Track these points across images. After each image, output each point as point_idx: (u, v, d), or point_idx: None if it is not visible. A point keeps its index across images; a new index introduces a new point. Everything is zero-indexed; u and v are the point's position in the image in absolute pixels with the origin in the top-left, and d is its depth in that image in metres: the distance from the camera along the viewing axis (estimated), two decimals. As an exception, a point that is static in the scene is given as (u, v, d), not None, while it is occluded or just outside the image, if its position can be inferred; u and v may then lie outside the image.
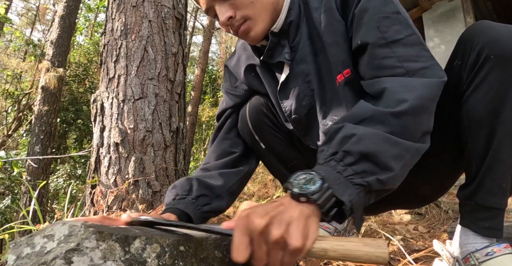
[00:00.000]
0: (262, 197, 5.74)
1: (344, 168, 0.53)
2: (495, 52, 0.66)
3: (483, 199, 0.71)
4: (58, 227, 0.44)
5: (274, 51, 0.80)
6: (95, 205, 1.48)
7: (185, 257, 0.48)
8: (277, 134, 0.94)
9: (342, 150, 0.54)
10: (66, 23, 5.15)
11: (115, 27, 1.68)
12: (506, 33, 0.66)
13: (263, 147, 0.94)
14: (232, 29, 0.75)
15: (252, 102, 0.94)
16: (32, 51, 8.47)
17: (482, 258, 0.72)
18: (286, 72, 0.81)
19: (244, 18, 0.73)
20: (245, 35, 0.76)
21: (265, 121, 0.92)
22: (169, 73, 1.70)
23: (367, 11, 0.69)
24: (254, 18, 0.74)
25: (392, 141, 0.55)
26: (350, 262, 0.97)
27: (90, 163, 1.60)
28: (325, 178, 0.51)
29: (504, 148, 0.68)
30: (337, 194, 0.50)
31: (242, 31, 0.75)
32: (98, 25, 9.85)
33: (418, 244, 1.39)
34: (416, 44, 0.66)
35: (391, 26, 0.67)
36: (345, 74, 0.75)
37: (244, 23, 0.74)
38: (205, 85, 10.02)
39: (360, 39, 0.69)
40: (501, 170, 0.69)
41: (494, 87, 0.66)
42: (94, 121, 1.62)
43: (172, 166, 1.60)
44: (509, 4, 4.57)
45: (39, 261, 0.39)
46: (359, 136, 0.55)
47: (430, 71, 0.63)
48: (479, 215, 0.73)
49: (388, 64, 0.65)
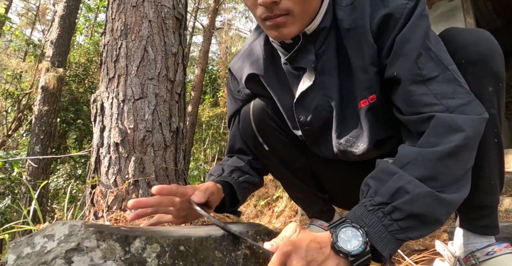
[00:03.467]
0: (262, 197, 5.73)
1: (391, 222, 0.54)
2: (465, 57, 0.69)
3: (475, 198, 0.72)
4: (58, 226, 0.44)
5: (298, 54, 0.75)
6: (95, 205, 1.48)
7: (185, 257, 0.48)
8: (282, 136, 0.92)
9: (392, 205, 0.55)
10: (66, 23, 5.15)
11: (115, 27, 1.68)
12: (473, 38, 0.69)
13: (267, 149, 0.93)
14: (266, 14, 0.66)
15: (255, 103, 0.92)
16: (32, 51, 8.47)
17: (483, 257, 0.72)
18: (308, 80, 0.77)
19: (287, 11, 0.66)
20: (277, 28, 0.68)
21: (269, 123, 0.91)
22: (169, 73, 1.70)
23: (409, 43, 0.65)
24: (296, 16, 0.67)
25: (444, 202, 0.56)
26: None
27: (90, 163, 1.60)
28: (369, 233, 0.53)
29: (488, 147, 0.70)
30: (379, 249, 0.53)
31: (278, 23, 0.67)
32: (98, 25, 9.84)
33: (418, 244, 1.39)
34: (451, 81, 0.64)
35: (426, 62, 0.64)
36: (370, 100, 0.73)
37: (285, 16, 0.66)
38: (205, 85, 10.01)
39: (397, 71, 0.66)
40: (488, 168, 0.71)
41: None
42: (94, 121, 1.63)
43: (172, 166, 1.60)
44: (509, 4, 4.57)
45: (39, 261, 0.39)
46: (412, 196, 0.55)
47: (470, 108, 0.62)
48: (474, 214, 0.75)
49: (426, 101, 0.63)
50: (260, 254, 0.57)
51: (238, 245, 0.56)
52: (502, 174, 0.75)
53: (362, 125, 0.76)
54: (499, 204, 0.77)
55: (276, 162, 0.96)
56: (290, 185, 1.04)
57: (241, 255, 0.55)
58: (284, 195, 5.05)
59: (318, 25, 0.72)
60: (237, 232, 0.57)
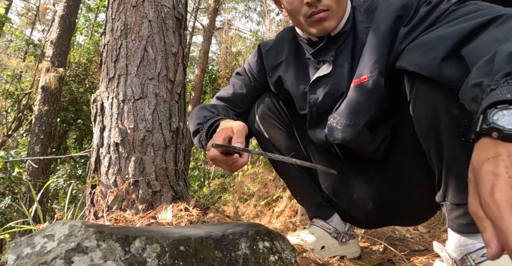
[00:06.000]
0: (262, 197, 5.73)
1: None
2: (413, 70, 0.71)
3: (453, 197, 0.73)
4: (58, 227, 0.44)
5: (321, 51, 0.91)
6: (95, 205, 1.48)
7: (185, 257, 0.48)
8: (280, 127, 1.05)
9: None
10: (66, 23, 5.15)
11: (115, 27, 1.68)
12: (417, 53, 0.72)
13: (266, 136, 1.06)
14: (312, 10, 0.82)
15: (259, 100, 1.07)
16: (32, 51, 8.46)
17: (479, 259, 0.72)
18: (326, 70, 0.91)
19: (328, 7, 0.82)
20: (319, 22, 0.84)
21: (269, 114, 1.04)
22: (169, 73, 1.70)
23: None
24: (335, 13, 0.84)
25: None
26: (348, 261, 0.97)
27: (90, 163, 1.60)
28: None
29: (453, 148, 0.70)
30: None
31: (321, 17, 0.83)
32: (98, 25, 9.84)
33: (418, 244, 1.39)
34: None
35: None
36: (362, 80, 0.83)
37: (326, 12, 0.83)
38: (205, 85, 10.01)
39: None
40: (460, 167, 0.71)
41: (425, 101, 0.72)
42: (94, 121, 1.62)
43: (172, 166, 1.60)
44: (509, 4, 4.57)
45: (39, 261, 0.39)
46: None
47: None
48: (455, 213, 0.75)
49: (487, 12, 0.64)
50: (260, 254, 0.57)
51: (238, 245, 0.56)
52: None
53: (347, 103, 0.86)
54: None
55: (273, 150, 1.06)
56: (287, 174, 1.10)
57: (241, 255, 0.55)
58: (284, 195, 5.05)
59: (340, 29, 0.88)
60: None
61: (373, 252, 1.14)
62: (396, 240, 1.44)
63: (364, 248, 1.18)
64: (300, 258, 0.95)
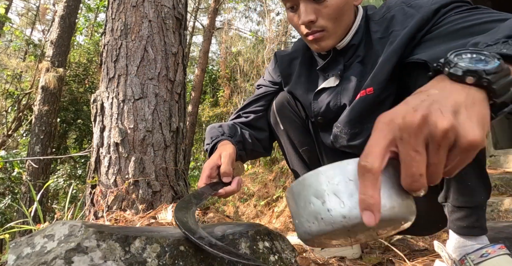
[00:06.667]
0: (262, 197, 5.73)
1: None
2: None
3: (454, 200, 0.73)
4: (58, 227, 0.44)
5: (329, 65, 0.89)
6: (95, 205, 1.48)
7: (185, 257, 0.48)
8: (296, 119, 1.05)
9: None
10: (66, 23, 5.15)
11: (115, 27, 1.68)
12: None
13: (282, 128, 1.06)
14: (306, 31, 0.81)
15: (279, 95, 1.07)
16: (32, 51, 8.46)
17: (477, 259, 0.72)
18: (332, 82, 0.90)
19: (323, 28, 0.80)
20: (315, 42, 0.83)
21: (287, 106, 1.04)
22: (169, 73, 1.70)
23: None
24: (331, 32, 0.81)
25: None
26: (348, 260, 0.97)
27: (90, 163, 1.60)
28: (504, 57, 0.39)
29: None
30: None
31: (315, 38, 0.81)
32: (98, 25, 9.84)
33: (419, 244, 1.39)
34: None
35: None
36: (368, 92, 0.80)
37: (321, 32, 0.81)
38: (205, 85, 10.01)
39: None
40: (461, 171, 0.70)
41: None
42: (94, 121, 1.62)
43: (172, 166, 1.60)
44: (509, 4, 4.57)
45: (39, 261, 0.39)
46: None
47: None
48: (455, 215, 0.75)
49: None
50: (260, 254, 0.57)
51: (238, 245, 0.56)
52: (483, 174, 0.73)
53: (350, 113, 0.84)
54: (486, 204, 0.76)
55: (287, 141, 1.07)
56: (297, 165, 1.10)
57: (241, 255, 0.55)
58: (284, 195, 5.04)
59: (348, 42, 0.85)
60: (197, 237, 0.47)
61: (373, 252, 1.14)
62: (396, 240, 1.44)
63: (364, 248, 1.18)
64: (300, 258, 0.95)
